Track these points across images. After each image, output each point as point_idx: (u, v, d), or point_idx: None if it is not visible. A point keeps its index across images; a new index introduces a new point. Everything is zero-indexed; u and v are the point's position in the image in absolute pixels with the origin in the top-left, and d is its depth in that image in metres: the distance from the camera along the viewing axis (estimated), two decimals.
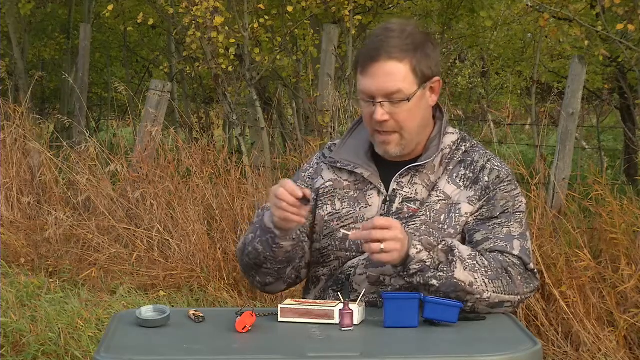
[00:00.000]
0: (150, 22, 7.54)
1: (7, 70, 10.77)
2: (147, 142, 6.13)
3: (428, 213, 2.21)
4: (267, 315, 2.09)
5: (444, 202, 2.22)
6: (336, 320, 2.00)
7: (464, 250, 2.14)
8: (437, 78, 2.26)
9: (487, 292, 2.10)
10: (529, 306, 4.05)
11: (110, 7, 7.75)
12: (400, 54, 2.18)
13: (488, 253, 2.16)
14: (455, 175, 2.25)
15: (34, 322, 4.36)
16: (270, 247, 2.22)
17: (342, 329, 1.97)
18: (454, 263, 2.09)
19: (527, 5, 9.03)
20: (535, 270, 2.21)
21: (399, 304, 2.00)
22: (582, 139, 12.18)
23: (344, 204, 2.28)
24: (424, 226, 2.20)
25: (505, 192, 2.24)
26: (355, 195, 2.28)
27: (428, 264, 2.08)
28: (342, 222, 2.27)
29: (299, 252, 2.28)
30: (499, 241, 2.18)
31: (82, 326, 4.21)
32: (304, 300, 2.13)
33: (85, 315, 4.34)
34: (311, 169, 2.39)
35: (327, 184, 2.33)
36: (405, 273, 2.10)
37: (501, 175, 2.25)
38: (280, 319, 2.04)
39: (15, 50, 11.15)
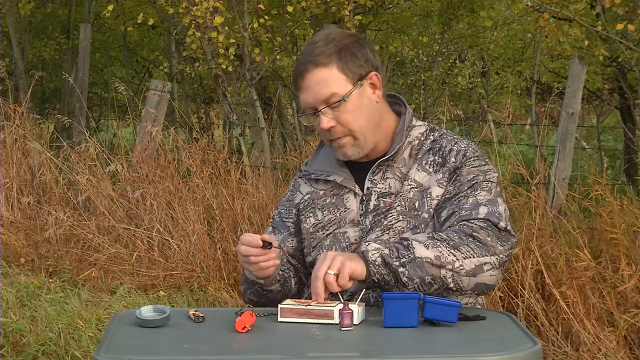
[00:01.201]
0: (150, 22, 7.54)
1: (7, 70, 10.77)
2: (147, 142, 6.13)
3: (403, 202, 2.24)
4: (267, 315, 2.09)
5: (416, 189, 2.25)
6: (336, 320, 2.00)
7: (419, 235, 2.16)
8: (373, 73, 2.27)
9: (458, 261, 2.09)
10: (529, 306, 4.05)
11: (110, 7, 7.75)
12: (325, 59, 2.22)
13: (449, 228, 2.16)
14: (424, 162, 2.28)
15: (34, 322, 4.36)
16: (262, 295, 2.31)
17: (342, 329, 1.97)
18: (411, 245, 2.10)
19: (527, 5, 9.03)
20: (509, 228, 2.18)
21: (398, 304, 2.00)
22: (582, 139, 12.18)
23: (324, 212, 2.33)
24: (400, 216, 2.23)
25: (472, 167, 2.25)
26: (333, 201, 2.33)
27: (386, 252, 2.08)
28: (327, 229, 2.32)
29: (291, 281, 2.36)
30: (462, 211, 2.18)
31: (82, 326, 4.21)
32: (303, 300, 2.13)
33: (85, 315, 4.34)
34: (289, 192, 2.46)
35: (306, 197, 2.38)
36: (375, 272, 2.08)
37: (467, 154, 2.27)
38: (280, 319, 2.05)
39: (15, 50, 11.16)
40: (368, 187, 2.28)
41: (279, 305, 2.05)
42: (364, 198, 2.28)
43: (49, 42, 12.25)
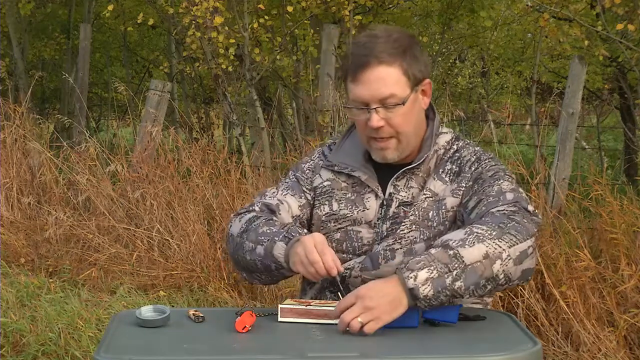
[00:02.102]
0: (150, 22, 7.54)
1: (7, 70, 10.77)
2: (147, 142, 6.13)
3: (417, 212, 2.22)
4: (267, 315, 2.09)
5: (431, 199, 2.22)
6: (336, 320, 1.99)
7: (457, 234, 2.02)
8: (427, 80, 2.25)
9: (505, 252, 1.98)
10: (529, 306, 4.05)
11: (110, 7, 7.75)
12: (390, 58, 2.16)
13: (481, 219, 2.08)
14: (441, 170, 2.26)
15: (34, 322, 4.35)
16: (271, 274, 2.23)
17: None
18: (457, 254, 1.95)
19: (527, 5, 9.03)
20: (535, 210, 2.14)
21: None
22: (582, 139, 12.18)
23: (341, 205, 2.29)
24: (414, 226, 2.21)
25: (490, 165, 2.23)
26: (353, 197, 2.28)
27: (436, 275, 1.93)
28: (339, 223, 2.28)
29: None
30: (490, 198, 2.14)
31: (82, 326, 4.21)
32: (303, 300, 2.13)
33: (85, 315, 4.34)
34: (312, 162, 2.39)
35: (325, 184, 2.33)
36: (426, 305, 1.95)
37: (481, 157, 2.25)
38: (280, 319, 2.04)
39: (15, 50, 11.15)
40: (390, 193, 2.25)
41: (279, 305, 2.05)
42: (384, 203, 2.25)
43: (49, 42, 12.24)
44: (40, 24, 12.50)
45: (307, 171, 2.37)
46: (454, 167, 2.25)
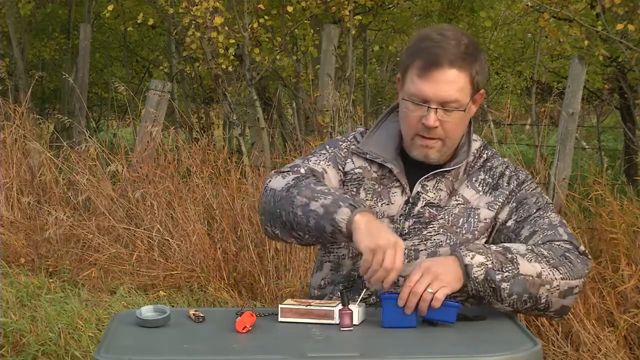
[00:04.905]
0: (150, 22, 7.54)
1: (7, 70, 10.76)
2: (147, 142, 6.13)
3: (446, 217, 2.21)
4: (267, 315, 2.09)
5: (462, 206, 2.22)
6: (336, 320, 2.00)
7: (519, 246, 2.11)
8: (482, 91, 2.25)
9: (556, 280, 2.06)
10: None
11: (110, 7, 7.75)
12: (462, 63, 2.15)
13: (541, 245, 2.13)
14: (474, 179, 2.25)
15: (34, 322, 4.35)
16: (322, 236, 2.12)
17: (342, 329, 1.97)
18: (515, 259, 2.04)
19: (527, 5, 9.03)
20: (586, 251, 2.18)
21: (397, 304, 2.00)
22: (582, 139, 12.18)
23: (368, 195, 2.25)
24: (442, 229, 2.20)
25: (532, 190, 2.25)
26: (380, 190, 2.26)
27: (490, 265, 2.02)
28: None
29: None
30: (546, 231, 2.16)
31: (82, 326, 4.21)
32: (303, 300, 2.13)
33: (85, 315, 4.34)
34: (348, 143, 2.33)
35: (357, 170, 2.29)
36: (473, 288, 2.03)
37: (520, 177, 2.26)
38: (280, 319, 2.04)
39: (15, 50, 11.15)
40: (418, 192, 2.23)
41: (279, 305, 2.05)
42: (410, 200, 2.23)
43: (49, 42, 12.25)
44: (40, 24, 12.51)
45: (344, 150, 2.32)
46: (487, 177, 2.25)
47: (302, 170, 2.25)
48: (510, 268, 2.03)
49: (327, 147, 2.34)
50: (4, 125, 7.05)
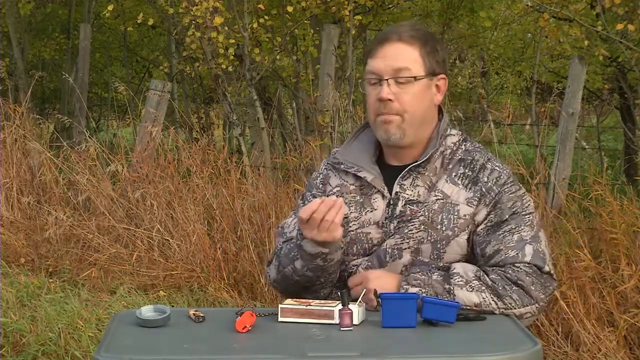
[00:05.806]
0: (150, 22, 7.53)
1: (7, 70, 10.76)
2: (147, 142, 6.12)
3: (426, 213, 2.22)
4: (267, 315, 2.09)
5: (441, 201, 2.23)
6: (336, 320, 2.00)
7: (468, 270, 2.16)
8: (443, 76, 2.28)
9: (498, 310, 2.12)
10: None
11: (110, 7, 7.74)
12: (410, 39, 2.23)
13: (496, 270, 2.16)
14: (454, 174, 2.25)
15: (34, 322, 4.35)
16: (325, 270, 2.24)
17: (342, 329, 1.97)
18: (452, 290, 2.13)
19: (527, 5, 9.03)
20: (552, 272, 2.19)
21: (396, 304, 2.00)
22: (582, 139, 12.18)
23: (351, 208, 2.29)
24: (422, 226, 2.21)
25: (510, 194, 2.23)
26: (361, 200, 2.29)
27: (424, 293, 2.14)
28: (349, 226, 2.28)
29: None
30: (509, 251, 2.17)
31: (82, 326, 4.21)
32: (303, 300, 2.13)
33: (85, 315, 4.34)
34: (321, 176, 2.40)
35: (335, 190, 2.34)
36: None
37: (502, 176, 2.25)
38: (280, 319, 2.05)
39: (15, 50, 11.15)
40: (397, 192, 2.25)
41: (279, 305, 2.05)
42: (391, 202, 2.25)
43: (49, 42, 12.24)
44: (40, 24, 12.50)
45: (320, 184, 2.39)
46: (467, 171, 2.25)
47: (280, 246, 2.35)
48: (446, 297, 2.12)
49: (307, 194, 2.41)
50: (4, 125, 7.05)
